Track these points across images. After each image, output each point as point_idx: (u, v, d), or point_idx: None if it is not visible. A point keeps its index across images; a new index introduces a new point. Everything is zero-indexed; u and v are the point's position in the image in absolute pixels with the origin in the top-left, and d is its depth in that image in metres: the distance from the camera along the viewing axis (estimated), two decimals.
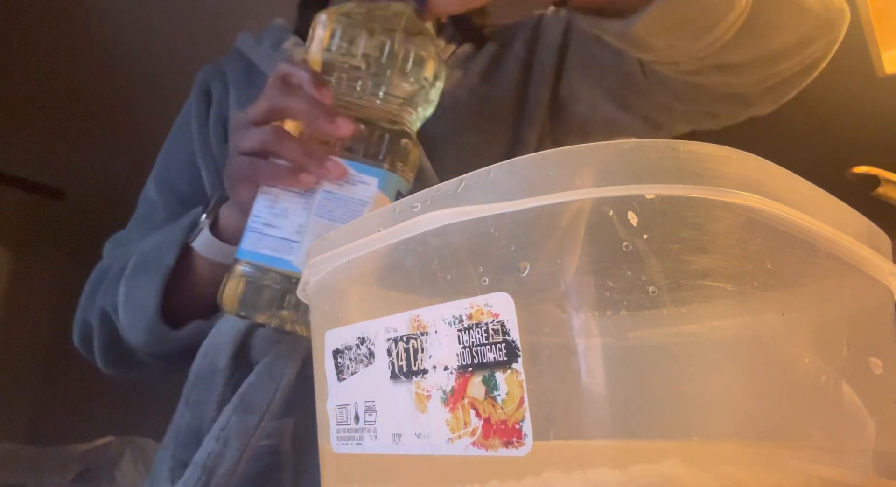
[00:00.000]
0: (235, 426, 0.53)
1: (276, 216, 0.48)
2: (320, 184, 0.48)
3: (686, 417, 0.23)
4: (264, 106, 0.49)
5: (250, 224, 0.48)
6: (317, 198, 0.48)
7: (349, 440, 0.30)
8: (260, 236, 0.48)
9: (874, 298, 0.30)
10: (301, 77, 0.47)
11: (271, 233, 0.48)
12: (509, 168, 0.24)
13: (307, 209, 0.47)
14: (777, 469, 0.23)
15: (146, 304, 0.59)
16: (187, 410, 0.57)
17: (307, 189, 0.47)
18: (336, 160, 0.47)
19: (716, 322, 0.24)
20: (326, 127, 0.46)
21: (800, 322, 0.26)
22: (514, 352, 0.23)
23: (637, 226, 0.22)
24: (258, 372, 0.55)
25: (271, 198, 0.48)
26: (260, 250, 0.48)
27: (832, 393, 0.26)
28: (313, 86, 0.47)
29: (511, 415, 0.23)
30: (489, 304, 0.24)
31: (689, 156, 0.23)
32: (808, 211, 0.25)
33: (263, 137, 0.48)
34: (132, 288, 0.61)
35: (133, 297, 0.60)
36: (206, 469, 0.51)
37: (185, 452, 0.55)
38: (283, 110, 0.48)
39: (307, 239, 0.47)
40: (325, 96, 0.47)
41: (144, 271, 0.60)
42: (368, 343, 0.29)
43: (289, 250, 0.47)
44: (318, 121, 0.46)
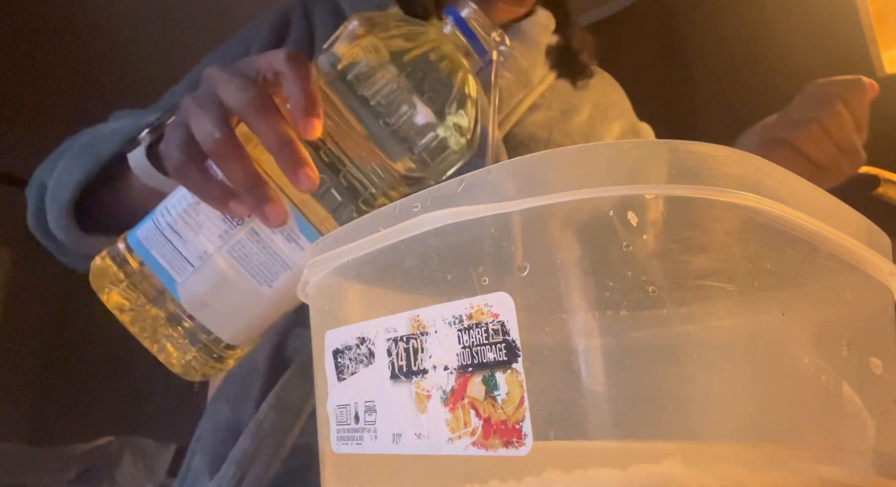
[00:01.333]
0: (271, 424, 0.54)
1: (187, 226, 0.40)
2: (251, 219, 0.39)
3: (686, 417, 0.23)
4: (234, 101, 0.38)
5: (157, 214, 0.41)
6: (239, 233, 0.39)
7: (349, 440, 0.30)
8: (159, 236, 0.40)
9: (874, 298, 0.30)
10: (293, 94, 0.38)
11: (172, 241, 0.40)
12: (509, 168, 0.24)
13: (223, 238, 0.39)
14: (777, 469, 0.23)
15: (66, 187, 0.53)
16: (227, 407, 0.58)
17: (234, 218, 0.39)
18: (281, 205, 0.38)
19: (716, 322, 0.24)
20: (287, 174, 0.37)
21: (800, 322, 0.26)
22: (514, 352, 0.23)
23: (637, 226, 0.22)
24: (293, 371, 0.55)
25: (192, 203, 0.40)
26: (152, 250, 0.40)
27: (832, 393, 0.26)
28: (301, 114, 0.37)
29: (511, 415, 0.23)
30: (489, 304, 0.24)
31: (689, 156, 0.23)
32: (808, 211, 0.25)
33: (213, 139, 0.38)
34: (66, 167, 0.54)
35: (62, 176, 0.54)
36: (242, 465, 0.52)
37: (224, 448, 0.56)
38: (250, 125, 0.38)
39: (205, 272, 0.39)
40: (308, 132, 0.37)
41: (83, 154, 0.53)
42: (368, 343, 0.29)
43: (182, 270, 0.39)
44: (281, 162, 0.37)
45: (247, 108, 0.37)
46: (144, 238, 0.41)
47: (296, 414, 0.54)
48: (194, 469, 0.59)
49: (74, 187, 0.52)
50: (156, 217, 0.41)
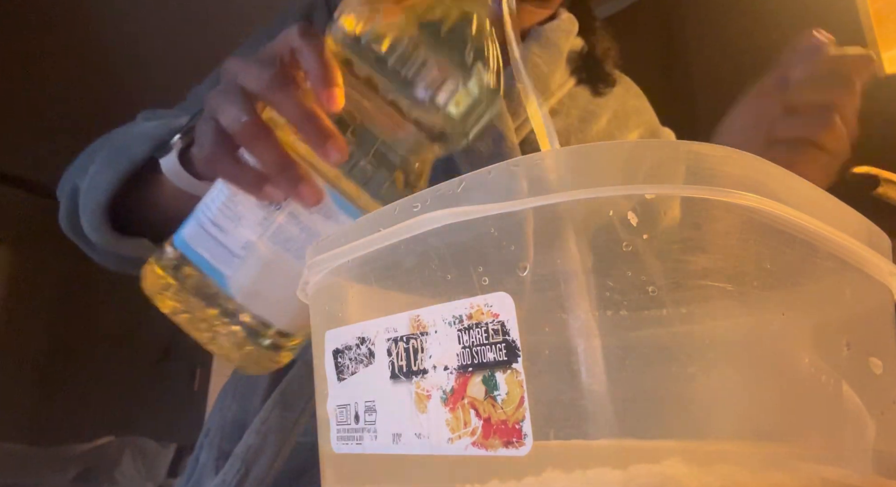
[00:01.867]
0: (275, 421, 0.54)
1: (227, 219, 0.40)
2: (288, 202, 0.39)
3: (686, 417, 0.23)
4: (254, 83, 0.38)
5: (198, 211, 0.41)
6: (279, 218, 0.39)
7: (349, 440, 0.30)
8: (202, 233, 0.40)
9: (874, 298, 0.30)
10: (311, 67, 0.37)
11: (216, 236, 0.40)
12: (509, 168, 0.24)
13: (263, 226, 0.39)
14: (777, 469, 0.23)
15: (100, 189, 0.53)
16: (234, 403, 0.58)
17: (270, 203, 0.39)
18: (315, 184, 0.38)
19: (716, 322, 0.24)
20: (315, 147, 0.37)
21: (800, 322, 0.26)
22: (514, 352, 0.23)
23: (637, 226, 0.22)
24: (298, 368, 0.55)
25: (230, 195, 0.40)
26: (197, 248, 0.40)
27: (832, 393, 0.26)
28: (321, 85, 0.37)
29: (511, 415, 0.23)
30: (489, 304, 0.24)
31: (689, 156, 0.23)
32: (808, 211, 0.25)
33: (237, 125, 0.38)
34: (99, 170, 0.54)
35: (95, 179, 0.54)
36: (246, 461, 0.53)
37: (230, 444, 0.56)
38: (272, 103, 0.39)
39: (251, 261, 0.39)
40: (331, 102, 0.37)
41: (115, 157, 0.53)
42: (368, 343, 0.29)
43: (228, 263, 0.40)
44: (307, 135, 0.37)
45: (268, 87, 0.38)
46: (189, 237, 0.41)
47: (300, 411, 0.55)
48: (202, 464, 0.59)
49: (108, 189, 0.52)
50: (197, 215, 0.41)
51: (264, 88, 0.38)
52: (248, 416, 0.57)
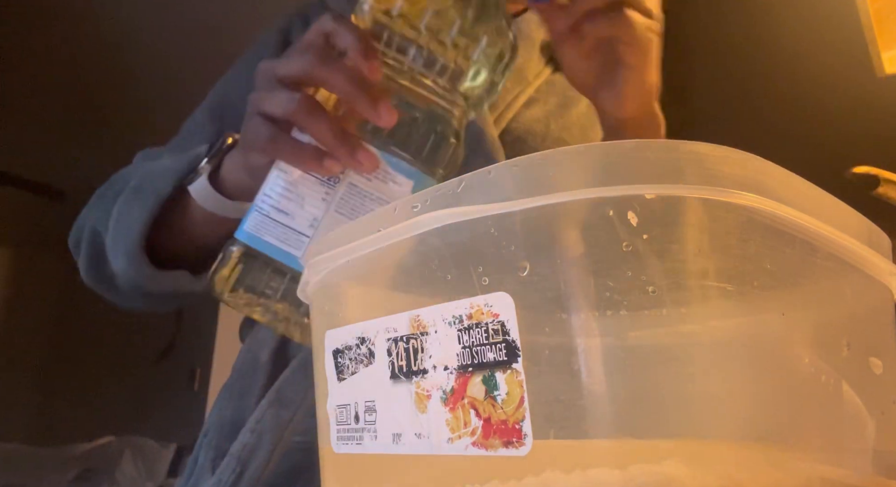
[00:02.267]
0: (270, 420, 0.54)
1: (290, 202, 0.41)
2: (346, 174, 0.41)
3: (686, 417, 0.23)
4: (298, 67, 0.41)
5: (258, 203, 0.42)
6: (340, 190, 0.41)
7: (349, 440, 0.30)
8: (267, 220, 0.42)
9: (874, 298, 0.30)
10: (349, 42, 0.40)
11: (281, 221, 0.41)
12: (509, 168, 0.24)
13: (326, 201, 0.41)
14: (777, 469, 0.23)
15: (131, 229, 0.54)
16: (230, 402, 0.58)
17: (330, 177, 0.41)
18: (370, 150, 0.41)
19: (716, 322, 0.24)
20: (367, 112, 0.40)
21: (800, 322, 0.26)
22: (514, 352, 0.23)
23: (637, 226, 0.23)
24: (293, 368, 0.56)
25: (288, 178, 0.42)
26: (264, 237, 0.42)
27: (832, 393, 0.26)
28: (361, 58, 0.40)
29: (511, 415, 0.23)
30: (489, 304, 0.24)
31: (689, 156, 0.23)
32: (808, 211, 0.25)
33: (291, 105, 0.40)
34: (124, 210, 0.55)
35: (122, 220, 0.55)
36: (241, 460, 0.53)
37: (227, 443, 0.56)
38: (320, 80, 0.41)
39: (319, 235, 0.41)
40: (374, 72, 0.40)
41: (138, 196, 0.55)
42: (368, 343, 0.29)
43: (298, 244, 0.41)
44: (358, 102, 0.40)
45: (315, 66, 0.40)
46: (254, 228, 0.42)
47: (295, 409, 0.55)
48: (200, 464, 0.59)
49: (140, 228, 0.53)
50: (258, 206, 0.42)
51: (310, 69, 0.41)
52: (244, 415, 0.57)
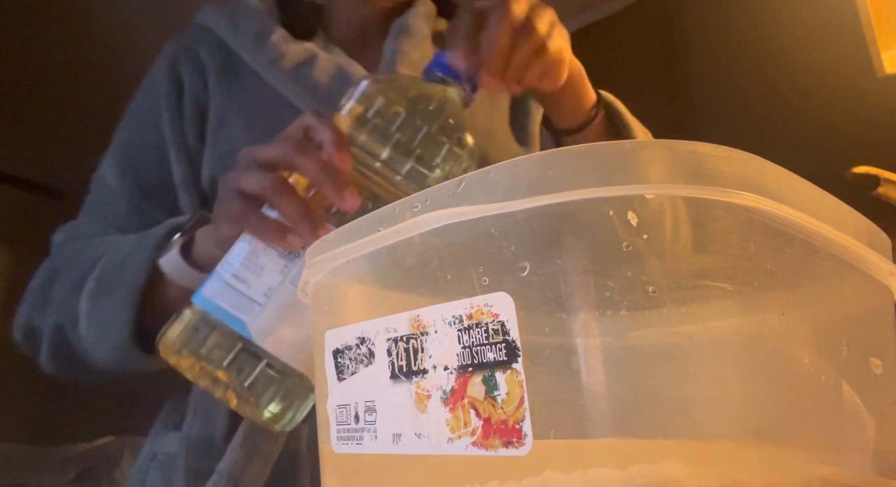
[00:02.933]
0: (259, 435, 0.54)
1: (249, 271, 0.45)
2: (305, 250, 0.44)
3: (686, 417, 0.23)
4: (276, 153, 0.46)
5: (219, 270, 0.46)
6: (297, 264, 0.45)
7: (349, 440, 0.30)
8: (224, 287, 0.45)
9: (874, 298, 0.30)
10: (325, 137, 0.45)
11: (237, 287, 0.45)
12: (509, 168, 0.24)
13: (283, 273, 0.45)
14: (777, 469, 0.23)
15: (117, 326, 0.55)
16: (196, 420, 0.57)
17: (291, 252, 0.45)
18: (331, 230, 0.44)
19: (716, 322, 0.24)
20: (332, 195, 0.44)
21: (800, 322, 0.26)
22: (514, 352, 0.23)
23: (637, 226, 0.22)
24: None
25: (251, 249, 0.45)
26: (219, 302, 0.44)
27: (832, 393, 0.26)
28: (333, 149, 0.45)
29: (511, 415, 0.23)
30: (489, 304, 0.24)
31: (689, 156, 0.23)
32: (808, 211, 0.25)
33: (265, 183, 0.45)
34: (98, 306, 0.56)
35: (101, 317, 0.56)
36: (232, 477, 0.53)
37: (200, 461, 0.55)
38: (294, 165, 0.45)
39: (271, 305, 0.44)
40: (343, 162, 0.45)
41: (112, 289, 0.56)
42: (368, 343, 0.29)
43: (248, 310, 0.44)
44: (325, 186, 0.44)
45: (290, 153, 0.45)
46: (210, 293, 0.45)
47: None
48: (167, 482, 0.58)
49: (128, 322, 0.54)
50: (218, 273, 0.46)
51: (286, 154, 0.45)
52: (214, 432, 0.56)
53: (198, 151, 0.67)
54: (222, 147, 0.66)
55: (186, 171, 0.67)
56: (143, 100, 0.72)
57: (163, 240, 0.55)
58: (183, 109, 0.69)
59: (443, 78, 0.50)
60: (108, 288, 0.56)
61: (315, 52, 0.69)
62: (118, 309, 0.54)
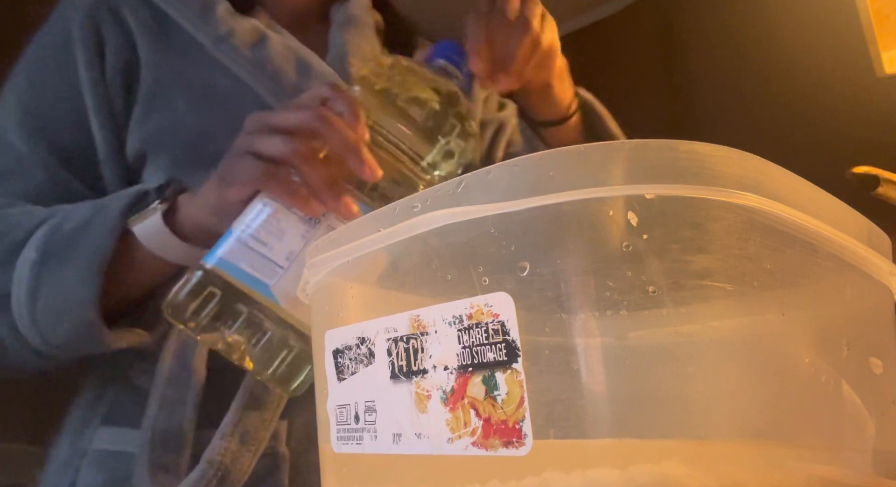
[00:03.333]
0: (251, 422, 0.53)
1: (271, 234, 0.45)
2: (327, 217, 0.46)
3: (686, 417, 0.23)
4: (298, 119, 0.46)
5: (236, 232, 0.45)
6: (319, 231, 0.45)
7: (349, 440, 0.30)
8: (244, 249, 0.44)
9: (874, 298, 0.30)
10: (344, 108, 0.46)
11: (258, 250, 0.44)
12: (509, 168, 0.24)
13: (304, 238, 0.45)
14: (777, 469, 0.23)
15: (78, 300, 0.50)
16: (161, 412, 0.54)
17: (311, 217, 0.46)
18: (351, 200, 0.46)
19: (716, 322, 0.24)
20: (358, 166, 0.45)
21: (800, 322, 0.26)
22: (514, 352, 0.23)
23: (637, 226, 0.22)
24: None
25: (271, 212, 0.45)
26: (239, 263, 0.44)
27: (832, 393, 0.26)
28: (355, 121, 0.46)
29: (511, 415, 0.23)
30: (489, 304, 0.24)
31: (689, 156, 0.23)
32: (808, 211, 0.25)
33: (292, 148, 0.45)
34: (48, 278, 0.50)
35: (53, 290, 0.50)
36: (223, 466, 0.51)
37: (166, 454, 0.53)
38: (318, 132, 0.46)
39: (294, 269, 0.44)
40: (364, 134, 0.46)
41: (66, 260, 0.50)
42: (368, 343, 0.29)
43: (272, 274, 0.44)
44: (352, 157, 0.45)
45: (317, 121, 0.45)
46: (229, 254, 0.45)
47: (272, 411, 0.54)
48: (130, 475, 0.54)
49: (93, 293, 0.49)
50: (236, 235, 0.45)
51: (312, 123, 0.46)
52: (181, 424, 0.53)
53: (123, 120, 0.61)
54: (160, 122, 0.60)
55: (112, 142, 0.60)
56: (49, 52, 0.62)
57: (127, 208, 0.51)
58: (105, 71, 0.61)
59: (444, 67, 0.52)
60: (61, 258, 0.51)
61: (266, 34, 0.63)
62: (78, 283, 0.50)
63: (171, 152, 0.60)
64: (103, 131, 0.60)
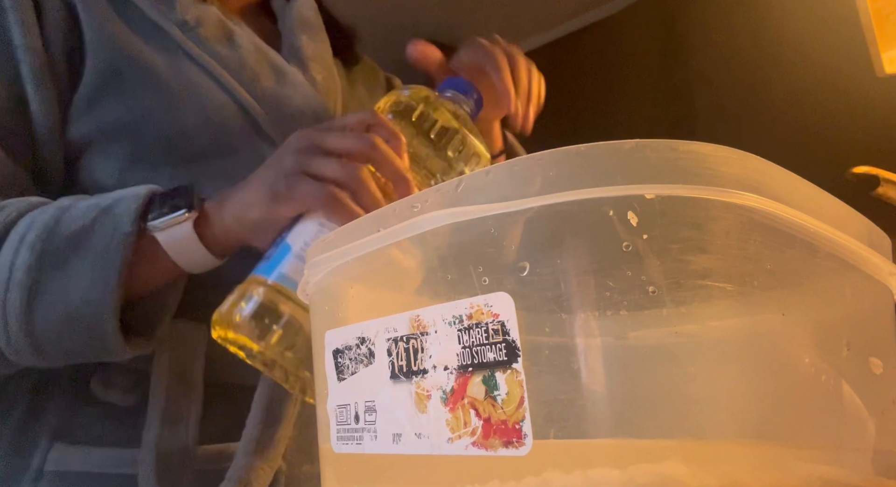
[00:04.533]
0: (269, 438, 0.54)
1: None
2: None
3: (686, 417, 0.23)
4: (353, 144, 0.49)
5: (295, 248, 0.46)
6: None
7: (349, 440, 0.30)
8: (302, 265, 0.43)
9: (874, 298, 0.30)
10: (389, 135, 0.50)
11: None
12: (509, 168, 0.24)
13: None
14: (777, 469, 0.23)
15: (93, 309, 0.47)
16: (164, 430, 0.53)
17: None
18: None
19: (716, 322, 0.24)
20: (405, 191, 0.48)
21: (800, 322, 0.26)
22: (514, 352, 0.23)
23: (637, 226, 0.22)
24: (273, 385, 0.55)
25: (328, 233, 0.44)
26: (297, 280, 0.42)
27: (832, 393, 0.26)
28: (400, 149, 0.50)
29: (511, 415, 0.23)
30: (489, 304, 0.24)
31: (689, 156, 0.23)
32: (808, 211, 0.25)
33: (354, 173, 0.47)
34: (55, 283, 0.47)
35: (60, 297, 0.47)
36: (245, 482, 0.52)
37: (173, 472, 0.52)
38: (371, 158, 0.48)
39: None
40: (406, 162, 0.50)
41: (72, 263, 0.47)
42: (368, 343, 0.29)
43: None
44: (400, 184, 0.49)
45: (372, 148, 0.48)
46: (290, 270, 0.45)
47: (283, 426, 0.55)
48: None
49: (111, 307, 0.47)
50: (296, 251, 0.46)
51: (367, 149, 0.49)
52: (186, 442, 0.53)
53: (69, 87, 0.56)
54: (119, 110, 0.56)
55: (53, 122, 0.55)
56: None
57: (139, 212, 0.48)
58: (47, 39, 0.54)
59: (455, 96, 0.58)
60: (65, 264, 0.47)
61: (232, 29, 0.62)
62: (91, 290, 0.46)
63: (132, 145, 0.56)
64: (43, 106, 0.54)
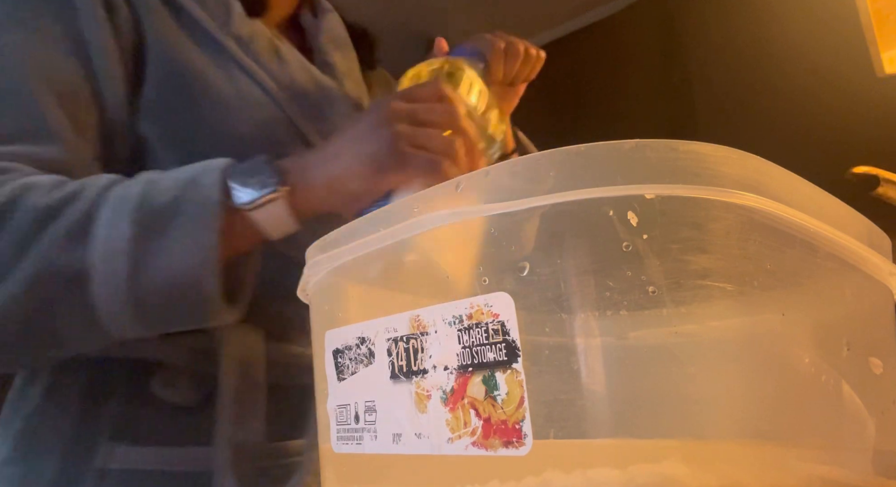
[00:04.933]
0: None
1: None
2: None
3: (686, 417, 0.23)
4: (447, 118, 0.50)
5: None
6: None
7: (349, 440, 0.30)
8: None
9: (874, 298, 0.30)
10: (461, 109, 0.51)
11: None
12: (509, 168, 0.24)
13: None
14: (777, 469, 0.23)
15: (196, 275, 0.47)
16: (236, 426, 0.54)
17: None
18: None
19: (716, 322, 0.24)
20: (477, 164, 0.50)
21: (800, 322, 0.26)
22: (514, 352, 0.23)
23: (637, 226, 0.22)
24: None
25: None
26: None
27: (832, 393, 0.26)
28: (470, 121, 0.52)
29: (511, 415, 0.23)
30: (489, 304, 0.24)
31: (689, 156, 0.23)
32: (808, 211, 0.25)
33: (455, 145, 0.49)
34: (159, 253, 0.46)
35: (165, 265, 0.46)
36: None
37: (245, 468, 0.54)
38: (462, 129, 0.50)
39: None
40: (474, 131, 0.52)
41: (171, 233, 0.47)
42: (368, 343, 0.29)
43: None
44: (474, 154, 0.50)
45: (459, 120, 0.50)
46: None
47: None
48: None
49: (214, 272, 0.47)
50: None
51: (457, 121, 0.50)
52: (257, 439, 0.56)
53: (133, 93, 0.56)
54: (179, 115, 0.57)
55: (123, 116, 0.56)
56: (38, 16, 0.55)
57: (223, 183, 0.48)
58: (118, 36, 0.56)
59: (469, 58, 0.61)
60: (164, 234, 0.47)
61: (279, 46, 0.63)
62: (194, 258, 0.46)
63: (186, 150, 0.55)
64: (114, 99, 0.55)
